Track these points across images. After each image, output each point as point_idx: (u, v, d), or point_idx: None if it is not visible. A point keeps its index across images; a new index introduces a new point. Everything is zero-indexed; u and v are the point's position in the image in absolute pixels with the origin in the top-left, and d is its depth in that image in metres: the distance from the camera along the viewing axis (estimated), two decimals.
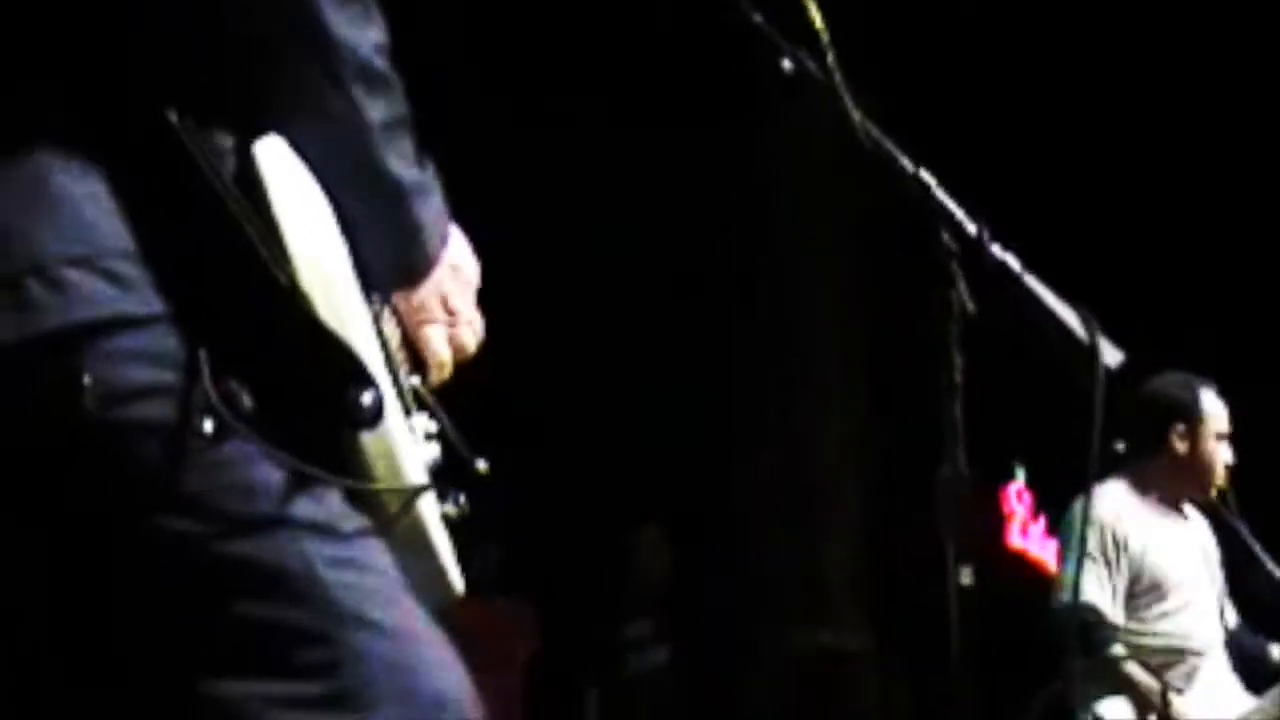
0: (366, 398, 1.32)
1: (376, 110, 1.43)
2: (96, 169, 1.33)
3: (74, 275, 1.29)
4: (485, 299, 1.65)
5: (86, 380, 1.27)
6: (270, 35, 1.37)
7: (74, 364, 1.27)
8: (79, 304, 1.28)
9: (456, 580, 1.51)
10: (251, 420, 1.30)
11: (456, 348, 1.62)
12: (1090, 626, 4.47)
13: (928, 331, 1.97)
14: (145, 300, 1.30)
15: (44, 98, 1.35)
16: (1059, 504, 5.06)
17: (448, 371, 1.63)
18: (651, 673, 7.82)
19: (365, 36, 1.42)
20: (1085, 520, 4.60)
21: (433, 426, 1.57)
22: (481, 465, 1.58)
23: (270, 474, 1.32)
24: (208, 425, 1.28)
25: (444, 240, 1.56)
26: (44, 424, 1.29)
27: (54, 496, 1.31)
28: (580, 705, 7.61)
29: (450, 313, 1.60)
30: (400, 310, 1.56)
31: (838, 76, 1.90)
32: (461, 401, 1.64)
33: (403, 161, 1.47)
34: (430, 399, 1.59)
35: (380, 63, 1.44)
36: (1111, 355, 2.02)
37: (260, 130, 1.38)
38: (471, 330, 1.63)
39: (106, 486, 1.30)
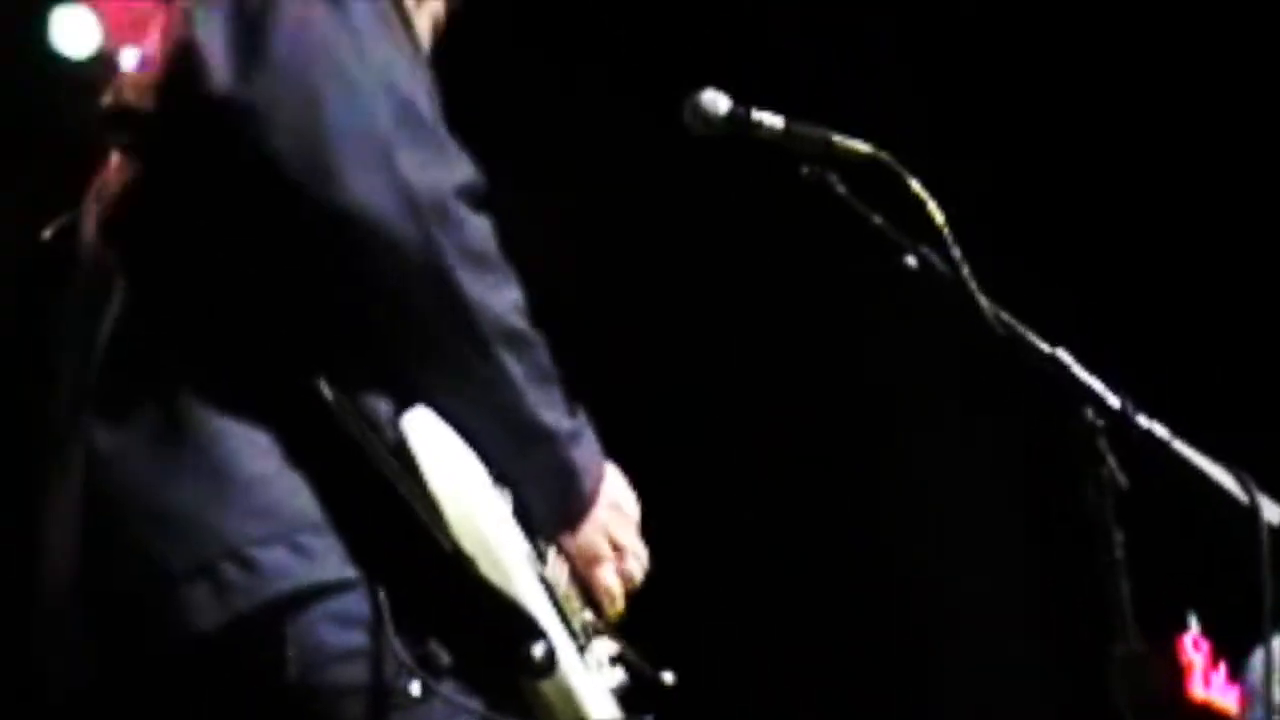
0: (538, 650, 1.38)
1: (521, 368, 1.50)
2: (270, 445, 1.40)
3: (265, 555, 1.35)
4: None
5: (290, 651, 1.33)
6: (416, 312, 1.44)
7: (275, 637, 1.33)
8: (273, 580, 1.34)
9: None
10: (450, 677, 1.36)
11: (625, 581, 1.67)
12: None
13: (1085, 508, 1.97)
14: (333, 569, 1.36)
15: (214, 383, 1.42)
16: (1237, 646, 4.88)
17: (620, 605, 1.68)
18: None
19: (504, 300, 1.49)
20: (1269, 680, 4.42)
21: (614, 649, 1.63)
22: (669, 678, 1.63)
23: None
24: (415, 688, 1.34)
25: (599, 481, 1.61)
26: (253, 700, 1.34)
27: None
28: None
29: (616, 548, 1.65)
30: (568, 550, 1.61)
31: (964, 269, 1.93)
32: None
33: (552, 412, 1.53)
34: (605, 625, 1.64)
35: (521, 322, 1.51)
36: (1273, 513, 2.01)
37: (412, 398, 1.45)
38: (638, 562, 1.68)
39: None
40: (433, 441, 1.45)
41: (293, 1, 1.42)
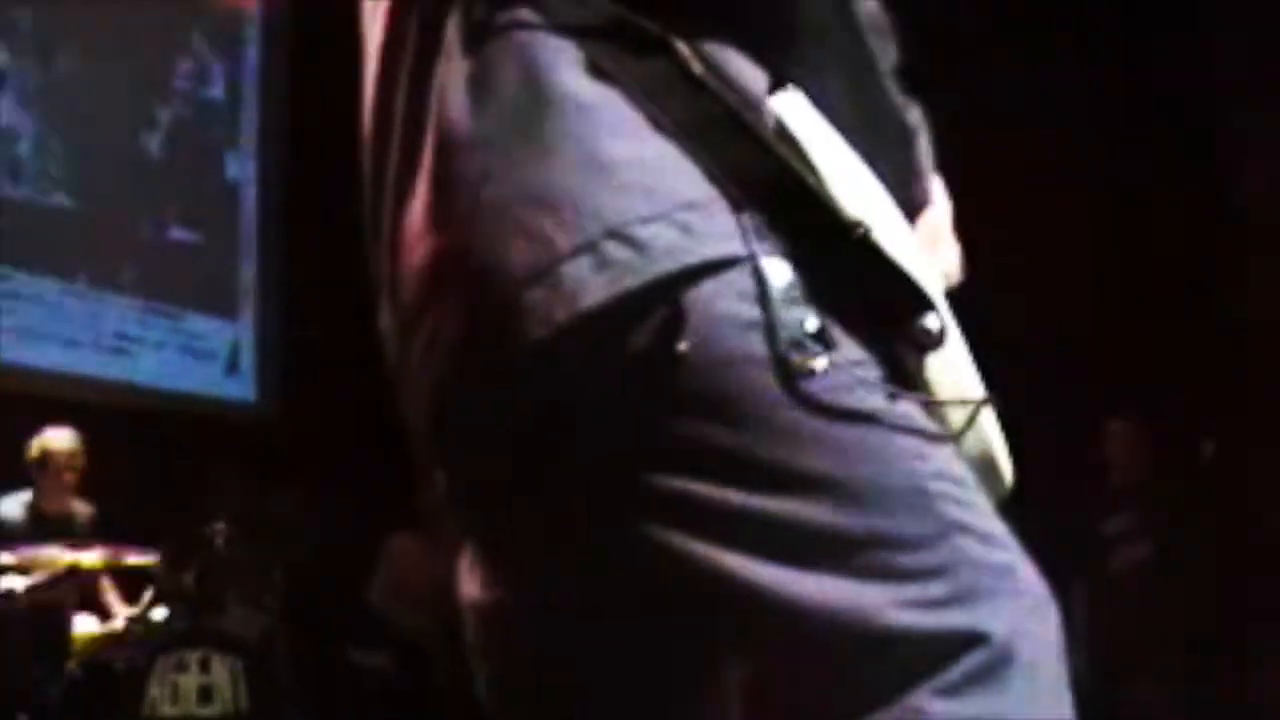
0: (932, 322, 1.37)
1: (886, 57, 1.50)
2: (641, 123, 1.37)
3: (649, 233, 1.32)
4: None
5: (683, 325, 1.30)
6: None
7: (668, 313, 1.31)
8: (660, 258, 1.32)
9: (1009, 473, 1.54)
10: (845, 349, 1.34)
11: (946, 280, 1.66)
12: None
13: None
14: (718, 245, 1.33)
15: (576, 53, 1.40)
16: None
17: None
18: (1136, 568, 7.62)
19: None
20: None
21: None
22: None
23: (866, 398, 1.35)
24: (819, 361, 1.32)
25: (929, 183, 1.62)
26: (639, 377, 1.32)
27: (646, 441, 1.33)
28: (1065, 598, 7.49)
29: (935, 249, 1.64)
30: None
31: None
32: None
33: (903, 103, 1.53)
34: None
35: (884, 15, 1.50)
36: None
37: (784, 79, 1.43)
38: (954, 263, 1.67)
39: (703, 423, 1.32)
40: (807, 119, 1.43)
41: None
